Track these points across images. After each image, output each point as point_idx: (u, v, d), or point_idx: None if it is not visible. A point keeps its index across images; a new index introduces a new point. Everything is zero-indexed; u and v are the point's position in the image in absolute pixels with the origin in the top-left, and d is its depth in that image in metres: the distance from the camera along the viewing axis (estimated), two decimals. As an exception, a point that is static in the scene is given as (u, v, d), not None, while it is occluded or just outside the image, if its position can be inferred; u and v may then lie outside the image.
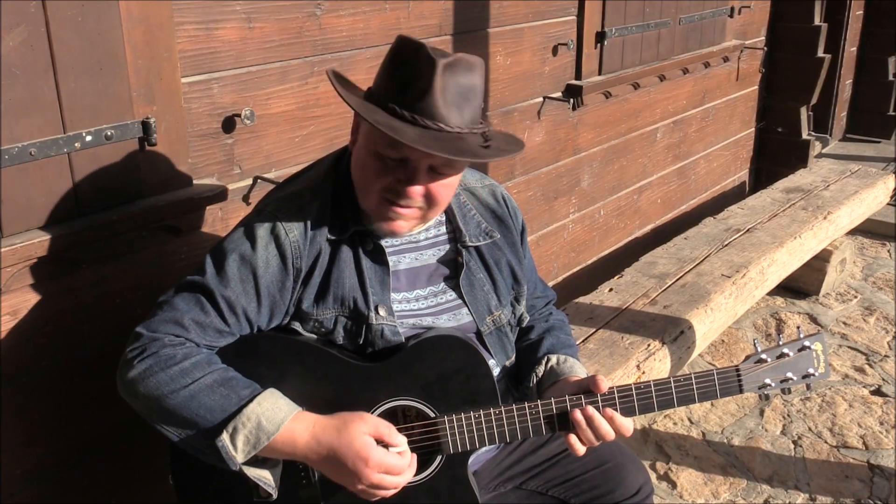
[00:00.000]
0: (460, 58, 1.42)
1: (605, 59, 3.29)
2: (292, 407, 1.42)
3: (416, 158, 1.43)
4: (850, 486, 2.72)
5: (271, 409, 1.39)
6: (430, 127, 1.39)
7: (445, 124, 1.40)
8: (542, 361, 1.70)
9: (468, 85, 1.42)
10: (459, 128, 1.41)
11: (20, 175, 1.61)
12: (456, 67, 1.41)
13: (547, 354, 1.71)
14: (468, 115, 1.43)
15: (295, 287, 1.52)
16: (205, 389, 1.39)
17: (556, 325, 1.83)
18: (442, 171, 1.46)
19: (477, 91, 1.45)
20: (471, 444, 1.53)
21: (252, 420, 1.37)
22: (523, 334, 1.80)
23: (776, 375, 1.59)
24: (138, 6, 1.72)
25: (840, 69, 5.54)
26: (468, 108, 1.43)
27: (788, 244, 3.45)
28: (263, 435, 1.37)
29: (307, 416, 1.42)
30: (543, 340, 1.75)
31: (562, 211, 3.37)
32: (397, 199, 1.47)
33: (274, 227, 1.51)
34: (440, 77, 1.38)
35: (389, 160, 1.45)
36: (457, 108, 1.41)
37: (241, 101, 2.02)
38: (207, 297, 1.46)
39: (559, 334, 1.78)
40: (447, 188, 1.51)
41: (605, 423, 1.52)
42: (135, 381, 1.39)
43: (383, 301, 1.56)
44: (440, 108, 1.39)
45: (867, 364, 3.46)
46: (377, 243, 1.57)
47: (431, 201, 1.49)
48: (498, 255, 1.70)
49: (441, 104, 1.39)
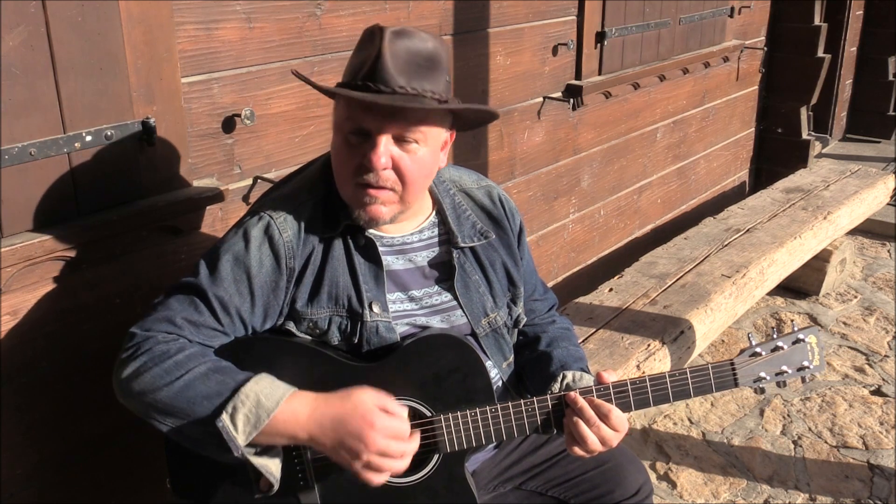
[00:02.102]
0: (414, 29, 1.46)
1: (605, 59, 3.29)
2: (289, 387, 1.40)
3: (375, 127, 1.44)
4: (850, 486, 2.72)
5: (269, 388, 1.38)
6: (382, 91, 1.41)
7: (395, 87, 1.41)
8: (557, 378, 1.66)
9: (419, 50, 1.44)
10: (414, 89, 1.42)
11: (20, 175, 1.61)
12: (406, 34, 1.44)
13: (562, 371, 1.67)
14: (426, 83, 1.44)
15: (288, 287, 1.52)
16: (200, 377, 1.38)
17: (563, 334, 1.81)
18: (405, 137, 1.46)
19: (434, 59, 1.46)
20: (468, 443, 1.53)
21: (251, 398, 1.35)
22: (530, 343, 1.78)
23: (771, 368, 1.59)
24: (138, 6, 1.72)
25: (840, 69, 5.54)
26: (424, 74, 1.44)
27: (788, 244, 3.45)
28: (263, 412, 1.35)
29: (307, 394, 1.41)
30: (553, 353, 1.72)
31: (562, 211, 3.37)
32: (366, 177, 1.46)
33: (268, 228, 1.51)
34: (388, 43, 1.41)
35: (353, 137, 1.46)
36: (410, 73, 1.43)
37: (241, 101, 2.02)
38: (201, 297, 1.46)
39: (568, 346, 1.76)
40: (416, 162, 1.48)
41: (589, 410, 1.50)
42: (129, 378, 1.38)
43: (377, 297, 1.56)
44: (389, 70, 1.41)
45: (867, 364, 3.46)
46: (368, 238, 1.56)
47: (401, 177, 1.48)
48: (493, 257, 1.70)
49: (391, 67, 1.41)
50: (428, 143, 1.49)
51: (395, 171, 1.47)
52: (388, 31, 1.42)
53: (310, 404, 1.39)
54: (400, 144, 1.46)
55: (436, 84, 1.46)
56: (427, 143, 1.49)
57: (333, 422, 1.38)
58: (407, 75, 1.42)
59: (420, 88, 1.44)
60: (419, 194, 1.55)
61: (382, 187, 1.47)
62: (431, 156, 1.52)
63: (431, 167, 1.54)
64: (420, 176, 1.51)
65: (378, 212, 1.50)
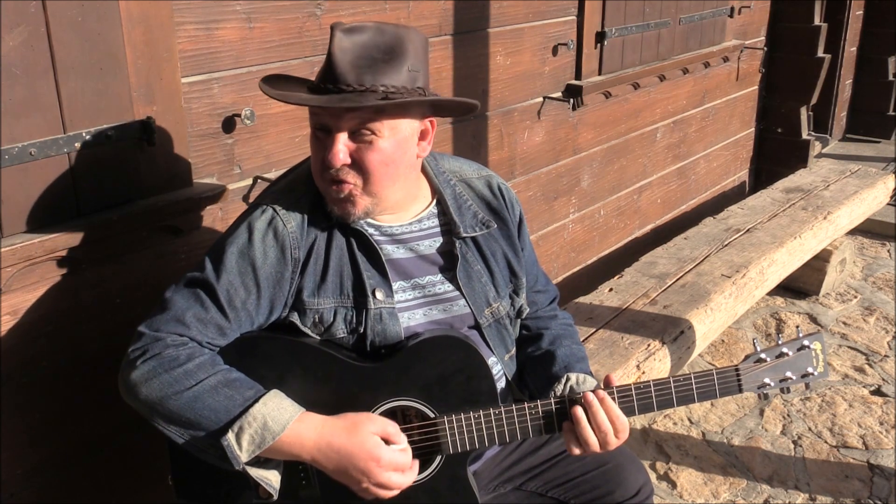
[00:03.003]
0: (368, 22, 1.47)
1: (605, 59, 3.29)
2: (297, 408, 1.42)
3: (333, 124, 1.45)
4: (850, 486, 2.72)
5: (276, 410, 1.40)
6: (330, 90, 1.43)
7: (343, 85, 1.43)
8: (561, 380, 1.66)
9: (375, 43, 1.44)
10: (362, 86, 1.43)
11: (20, 175, 1.61)
12: (358, 29, 1.45)
13: (566, 373, 1.67)
14: (383, 77, 1.44)
15: (293, 278, 1.53)
16: (209, 391, 1.39)
17: (566, 332, 1.81)
18: (361, 132, 1.46)
19: (393, 50, 1.46)
20: (470, 445, 1.53)
21: (258, 420, 1.38)
22: (532, 341, 1.78)
23: (775, 375, 1.59)
24: (138, 6, 1.72)
25: (840, 69, 5.54)
26: (382, 69, 1.44)
27: (788, 244, 3.45)
28: (269, 435, 1.38)
29: (313, 417, 1.43)
30: (557, 352, 1.72)
31: (562, 211, 3.37)
32: (330, 172, 1.48)
33: (272, 219, 1.52)
34: (338, 41, 1.43)
35: (318, 132, 1.48)
36: (363, 68, 1.43)
37: (241, 101, 2.02)
38: (207, 292, 1.47)
39: (571, 345, 1.76)
40: (376, 153, 1.47)
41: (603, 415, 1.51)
42: (138, 382, 1.39)
43: (380, 285, 1.56)
44: (339, 68, 1.43)
45: (867, 364, 3.46)
46: (358, 229, 1.56)
47: (362, 170, 1.48)
48: (494, 247, 1.70)
49: (339, 65, 1.43)
50: (390, 134, 1.48)
51: (356, 165, 1.48)
52: (338, 29, 1.44)
53: (316, 430, 1.41)
54: (358, 137, 1.47)
55: (394, 76, 1.45)
56: (389, 134, 1.48)
57: (339, 455, 1.41)
58: (357, 71, 1.43)
59: (371, 84, 1.43)
60: (387, 184, 1.52)
61: (343, 180, 1.49)
62: (397, 146, 1.50)
63: (398, 157, 1.51)
64: (382, 166, 1.49)
65: (346, 208, 1.52)
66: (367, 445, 1.41)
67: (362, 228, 1.56)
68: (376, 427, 1.44)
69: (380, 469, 1.41)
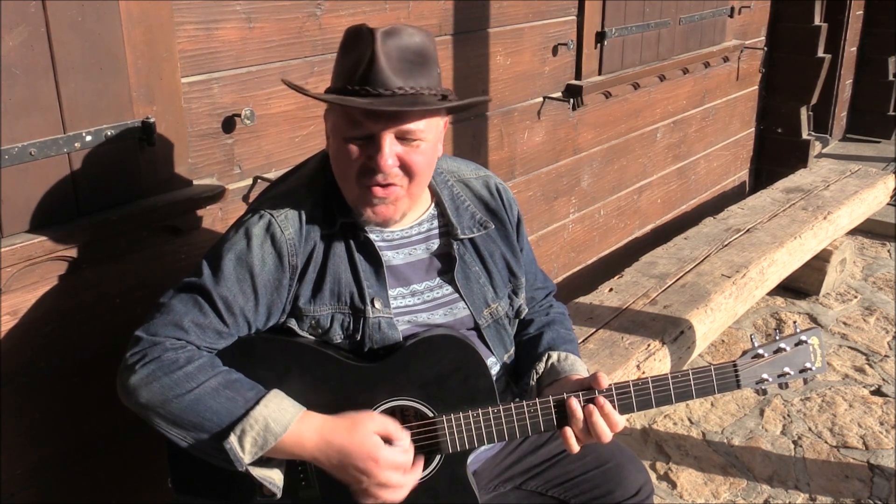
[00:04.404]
0: (401, 25, 1.46)
1: (605, 59, 3.29)
2: (298, 408, 1.43)
3: (379, 130, 1.44)
4: (850, 486, 2.72)
5: (277, 411, 1.40)
6: (382, 94, 1.42)
7: (394, 88, 1.42)
8: (542, 358, 1.68)
9: (412, 46, 1.44)
10: (412, 88, 1.43)
11: (20, 175, 1.61)
12: (396, 33, 1.43)
13: (548, 351, 1.70)
14: (421, 80, 1.45)
15: (291, 284, 1.52)
16: (210, 393, 1.39)
17: (557, 318, 1.82)
18: (408, 136, 1.46)
19: (424, 53, 1.46)
20: (469, 444, 1.53)
21: (260, 422, 1.38)
22: (523, 328, 1.79)
23: (773, 370, 1.59)
24: (138, 6, 1.72)
25: (840, 69, 5.54)
26: (419, 71, 1.45)
27: (788, 244, 3.45)
28: (271, 436, 1.38)
29: (314, 417, 1.43)
30: (543, 335, 1.74)
31: (562, 211, 3.37)
32: (373, 178, 1.46)
33: (269, 226, 1.51)
34: (381, 44, 1.41)
35: (356, 141, 1.46)
36: (405, 72, 1.43)
37: (241, 101, 2.02)
38: (205, 298, 1.46)
39: (559, 329, 1.77)
40: (421, 155, 1.49)
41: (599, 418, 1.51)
42: (137, 386, 1.39)
43: (379, 294, 1.56)
44: (386, 72, 1.41)
45: (867, 364, 3.46)
46: (366, 236, 1.56)
47: (408, 172, 1.48)
48: (492, 248, 1.70)
49: (386, 69, 1.41)
50: (430, 135, 1.50)
51: (402, 168, 1.48)
52: (378, 32, 1.42)
53: (316, 430, 1.42)
54: (403, 142, 1.46)
55: (430, 78, 1.47)
56: (429, 135, 1.50)
57: (339, 454, 1.41)
58: (403, 75, 1.43)
59: (417, 86, 1.44)
60: (425, 185, 1.56)
61: (391, 184, 1.48)
62: (433, 147, 1.53)
63: (434, 158, 1.55)
64: (427, 168, 1.52)
65: (387, 211, 1.51)
66: (367, 445, 1.41)
67: (372, 234, 1.57)
68: (377, 426, 1.44)
69: (379, 469, 1.41)
